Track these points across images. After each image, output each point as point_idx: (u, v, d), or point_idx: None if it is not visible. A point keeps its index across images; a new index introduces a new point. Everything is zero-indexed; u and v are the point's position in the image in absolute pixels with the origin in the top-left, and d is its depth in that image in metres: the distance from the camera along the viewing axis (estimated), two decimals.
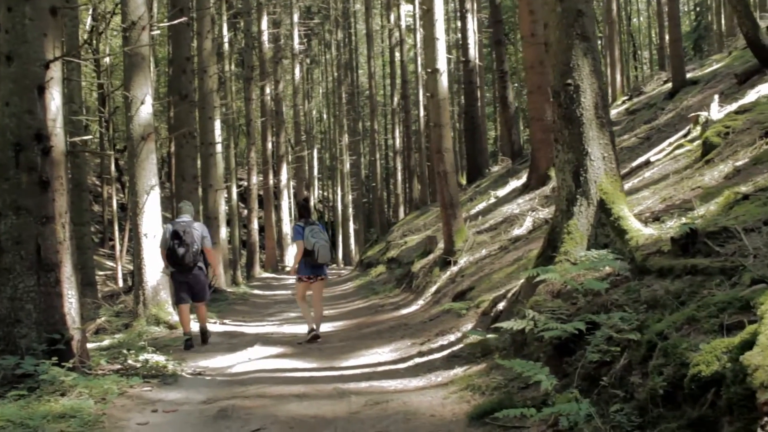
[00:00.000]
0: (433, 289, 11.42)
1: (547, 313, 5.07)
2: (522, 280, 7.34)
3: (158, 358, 7.54)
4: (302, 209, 9.95)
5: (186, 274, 9.51)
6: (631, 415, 3.65)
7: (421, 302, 11.38)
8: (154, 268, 11.85)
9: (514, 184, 18.62)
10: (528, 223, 11.28)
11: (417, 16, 37.80)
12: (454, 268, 11.39)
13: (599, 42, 41.05)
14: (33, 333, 7.13)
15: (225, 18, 26.69)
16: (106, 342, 11.06)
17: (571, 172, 6.14)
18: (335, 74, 49.03)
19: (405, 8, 34.64)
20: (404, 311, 11.33)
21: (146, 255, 11.86)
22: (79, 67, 17.65)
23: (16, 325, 7.11)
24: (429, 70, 12.09)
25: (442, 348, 7.16)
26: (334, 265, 43.98)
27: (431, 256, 13.96)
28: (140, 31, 12.34)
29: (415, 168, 33.16)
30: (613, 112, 20.44)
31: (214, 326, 11.69)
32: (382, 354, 7.79)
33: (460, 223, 12.20)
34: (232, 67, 36.05)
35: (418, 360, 6.94)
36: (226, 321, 12.56)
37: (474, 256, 11.31)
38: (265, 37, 32.00)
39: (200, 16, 19.39)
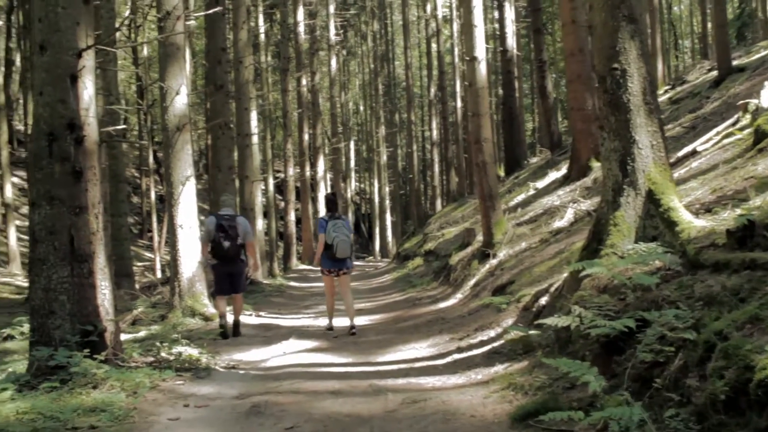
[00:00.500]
0: (472, 282, 11.17)
1: (594, 309, 4.81)
2: (565, 274, 7.07)
3: (192, 351, 7.42)
4: (329, 203, 9.95)
5: (229, 267, 9.62)
6: (689, 422, 3.39)
7: (459, 296, 11.15)
8: (190, 260, 11.79)
9: (554, 175, 18.24)
10: (569, 215, 10.96)
11: (453, 6, 37.45)
12: (494, 261, 11.12)
13: None
14: (67, 324, 7.05)
15: (261, 9, 26.62)
16: (142, 333, 11.05)
17: (617, 161, 5.86)
18: (371, 66, 48.79)
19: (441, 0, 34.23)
20: (442, 305, 11.10)
21: (182, 246, 11.80)
22: (115, 58, 17.65)
23: (50, 316, 7.04)
24: (467, 58, 11.82)
25: (482, 344, 6.92)
26: (371, 258, 43.96)
27: (469, 249, 13.70)
28: (175, 21, 12.25)
29: (453, 160, 32.83)
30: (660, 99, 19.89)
31: (250, 318, 11.60)
32: (419, 349, 7.58)
33: (499, 215, 11.92)
34: (269, 58, 36.05)
35: (456, 356, 6.71)
36: (262, 313, 12.46)
37: (514, 248, 11.03)
38: (301, 28, 31.87)
39: (236, 7, 19.30)
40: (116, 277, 17.34)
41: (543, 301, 6.58)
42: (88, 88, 7.47)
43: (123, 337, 11.19)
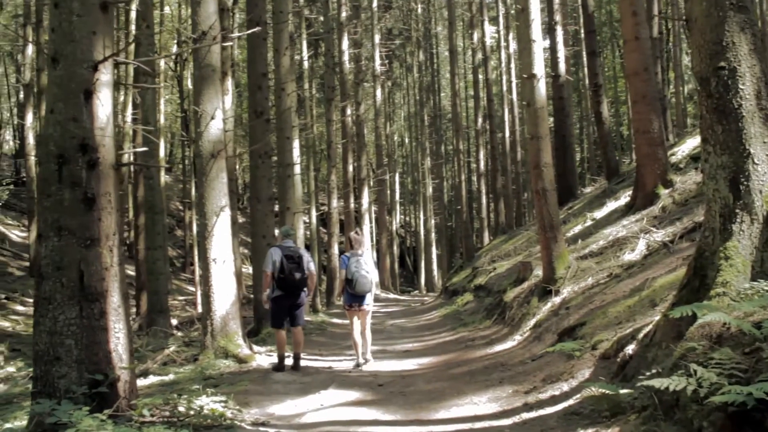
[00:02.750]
0: (532, 322, 10.04)
1: (714, 367, 3.72)
2: (655, 318, 5.96)
3: (215, 405, 6.43)
4: (351, 241, 10.11)
5: (292, 298, 9.66)
6: None
7: (517, 337, 10.02)
8: (224, 296, 10.94)
9: (613, 205, 17.04)
10: (641, 246, 9.81)
11: (501, 34, 36.61)
12: (556, 299, 9.99)
13: None
14: (73, 373, 6.19)
15: (304, 37, 26.04)
16: (170, 377, 10.19)
17: (726, 180, 4.78)
18: (417, 97, 48.11)
19: (489, 29, 33.37)
20: (499, 347, 9.99)
21: (215, 282, 10.95)
22: (154, 91, 17.08)
23: (54, 363, 6.19)
24: (525, 76, 10.82)
25: (554, 400, 5.82)
26: (416, 292, 42.85)
27: (525, 284, 12.58)
28: (210, 42, 11.53)
29: (501, 191, 31.71)
30: None
31: (288, 360, 10.59)
32: (479, 404, 6.49)
33: (562, 247, 10.80)
34: (313, 90, 35.54)
35: (525, 415, 5.62)
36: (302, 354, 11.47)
37: (579, 285, 9.89)
38: (345, 58, 31.28)
39: (277, 31, 18.62)
40: (150, 314, 16.62)
41: (630, 350, 5.47)
42: (104, 105, 6.65)
43: (149, 380, 10.41)
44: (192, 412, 6.29)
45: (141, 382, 10.18)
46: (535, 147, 10.74)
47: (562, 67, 22.03)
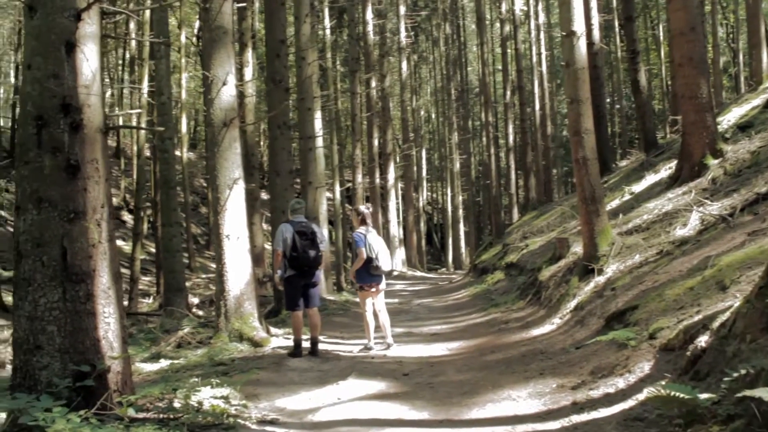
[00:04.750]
0: (573, 304, 9.12)
1: None
2: (730, 303, 5.06)
3: (217, 401, 5.64)
4: (363, 216, 9.60)
5: (308, 278, 8.99)
6: None
7: (557, 321, 9.11)
8: (238, 275, 10.21)
9: (653, 178, 16.04)
10: (694, 221, 8.83)
11: (531, 6, 35.32)
12: (600, 279, 9.05)
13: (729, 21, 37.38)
14: (56, 363, 5.45)
15: (326, 4, 25.06)
16: (180, 361, 9.49)
17: None
18: (443, 71, 46.96)
19: (518, 3, 32.09)
20: (536, 332, 9.10)
21: (228, 260, 10.23)
22: (167, 56, 16.29)
23: (35, 352, 5.45)
24: (563, 33, 9.83)
25: (608, 400, 4.93)
26: (444, 269, 42.01)
27: (562, 262, 11.66)
28: (221, 1, 10.69)
29: (531, 165, 30.64)
30: None
31: (306, 343, 9.81)
32: (518, 400, 5.63)
33: (604, 221, 9.83)
34: (338, 65, 34.60)
35: (575, 418, 4.74)
36: (321, 337, 10.67)
37: (625, 263, 8.94)
38: (369, 28, 30.28)
39: None
40: (167, 293, 15.95)
41: (701, 342, 4.57)
42: (89, 60, 5.83)
43: (160, 364, 9.69)
44: (190, 408, 5.51)
45: (151, 367, 9.54)
46: (575, 112, 9.77)
47: (596, 34, 20.87)
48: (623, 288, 7.96)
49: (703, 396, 3.77)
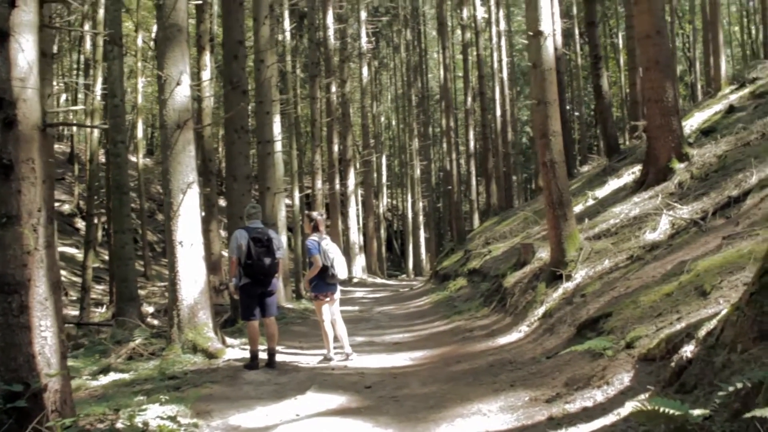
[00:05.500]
0: (540, 311, 8.83)
1: None
2: (712, 309, 4.78)
3: (164, 422, 5.20)
4: (316, 222, 9.19)
5: (264, 287, 8.54)
6: None
7: (524, 328, 8.81)
8: (191, 284, 9.76)
9: (616, 183, 15.97)
10: (664, 225, 8.61)
11: (492, 12, 35.25)
12: (569, 285, 8.77)
13: (688, 29, 37.82)
14: None
15: (287, 7, 24.60)
16: (128, 375, 8.99)
17: None
18: (404, 78, 46.80)
19: (480, 6, 31.95)
20: (502, 340, 8.78)
21: (182, 267, 9.76)
22: (120, 57, 15.72)
23: None
24: (530, 34, 9.56)
25: (587, 414, 4.60)
26: (404, 276, 41.71)
27: (528, 268, 11.39)
28: None
29: (492, 171, 30.50)
30: (733, 97, 17.53)
31: (263, 354, 9.36)
32: (489, 415, 5.27)
33: (572, 226, 9.57)
34: (297, 70, 34.13)
35: None
36: (279, 347, 10.24)
37: (595, 268, 8.68)
38: (330, 33, 29.91)
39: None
40: (119, 303, 15.34)
41: (687, 352, 4.26)
42: (25, 51, 5.35)
43: (109, 378, 9.16)
44: (135, 430, 5.06)
45: (98, 382, 9.03)
46: (543, 113, 9.50)
47: (558, 39, 20.80)
48: (594, 294, 7.68)
49: (696, 412, 3.45)
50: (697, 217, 8.05)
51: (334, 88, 31.58)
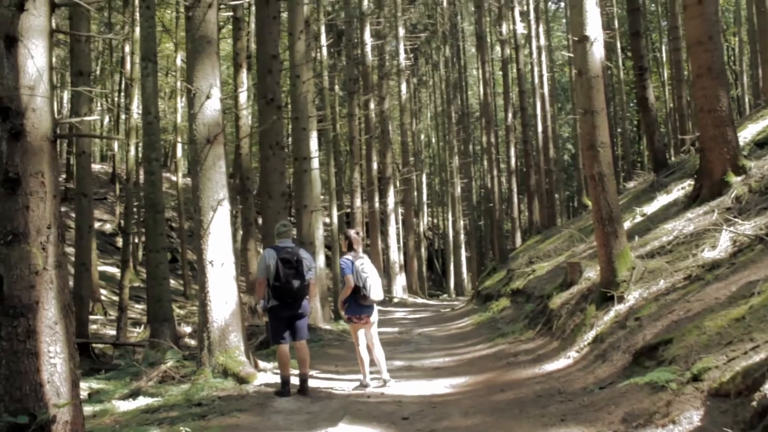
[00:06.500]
0: (590, 335, 8.22)
1: None
2: None
3: None
4: (351, 241, 8.72)
5: (292, 309, 8.15)
6: None
7: (573, 354, 8.20)
8: (222, 305, 9.39)
9: (665, 199, 15.21)
10: (725, 242, 7.97)
11: (532, 27, 34.68)
12: (621, 307, 8.16)
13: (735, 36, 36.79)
14: None
15: (323, 22, 24.37)
16: (157, 400, 8.63)
17: None
18: (444, 95, 46.37)
19: (519, 21, 31.43)
20: (549, 366, 8.18)
21: (212, 288, 9.41)
22: (155, 74, 15.54)
23: None
24: (575, 39, 9.03)
25: None
26: (445, 296, 41.04)
27: (575, 289, 10.78)
28: (205, 9, 9.94)
29: (535, 188, 29.82)
30: None
31: (294, 380, 8.90)
32: None
33: (623, 244, 8.95)
34: (336, 86, 33.92)
35: None
36: (313, 372, 9.77)
37: (650, 289, 8.06)
38: (368, 49, 29.62)
39: (291, 11, 16.96)
40: (153, 323, 15.05)
41: None
42: (35, 57, 5.03)
43: (137, 402, 8.82)
44: None
45: (127, 405, 8.73)
46: (590, 123, 8.93)
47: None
48: (650, 318, 7.07)
49: None
50: (763, 233, 7.40)
51: (372, 105, 31.28)
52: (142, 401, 8.89)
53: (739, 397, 4.06)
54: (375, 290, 8.39)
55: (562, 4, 46.52)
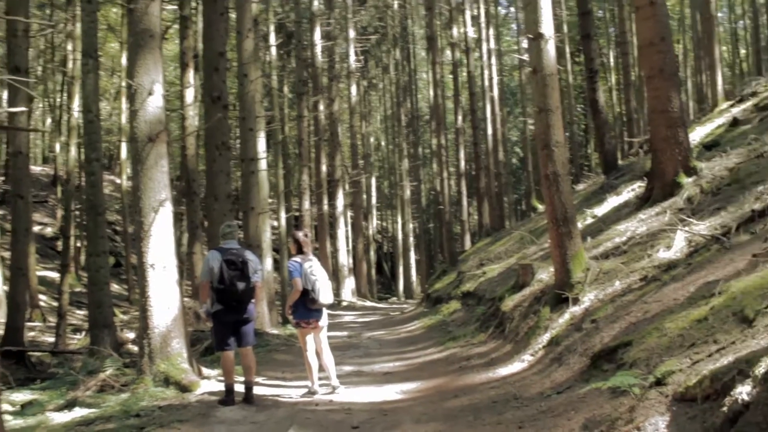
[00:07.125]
0: (545, 338, 8.04)
1: None
2: (762, 340, 4.02)
3: None
4: (300, 243, 8.37)
5: (237, 313, 7.74)
6: None
7: (527, 357, 8.01)
8: (164, 310, 8.99)
9: (615, 200, 15.25)
10: (680, 242, 7.87)
11: (482, 30, 34.75)
12: (576, 309, 8.00)
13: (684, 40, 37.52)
14: None
15: (272, 21, 23.95)
16: (91, 412, 8.19)
17: None
18: (394, 98, 46.27)
19: (470, 24, 31.46)
20: (504, 370, 7.97)
21: (153, 292, 9.00)
22: (96, 70, 14.95)
23: None
24: (530, 36, 8.88)
25: None
26: (395, 299, 40.83)
27: (527, 291, 10.63)
28: (148, 1, 9.52)
29: (485, 191, 29.82)
30: (735, 111, 16.95)
31: (241, 386, 8.53)
32: None
33: (578, 245, 8.79)
34: (285, 88, 33.46)
35: None
36: (260, 378, 9.40)
37: (605, 290, 7.91)
38: (318, 50, 29.26)
39: (240, 9, 16.55)
40: (93, 329, 14.43)
41: (743, 393, 3.50)
42: None
43: (73, 414, 8.37)
44: None
45: (62, 417, 8.25)
46: (544, 122, 8.77)
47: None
48: (607, 320, 6.91)
49: None
50: (718, 233, 7.31)
51: (322, 107, 30.94)
52: (78, 412, 8.45)
53: (707, 402, 3.87)
54: (324, 294, 8.11)
55: (512, 9, 46.94)
